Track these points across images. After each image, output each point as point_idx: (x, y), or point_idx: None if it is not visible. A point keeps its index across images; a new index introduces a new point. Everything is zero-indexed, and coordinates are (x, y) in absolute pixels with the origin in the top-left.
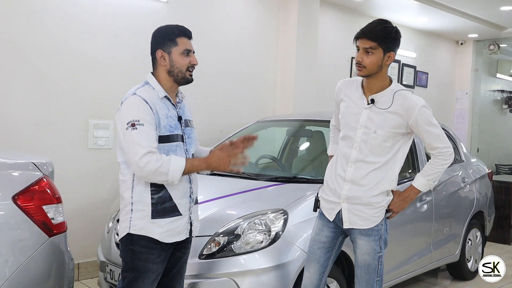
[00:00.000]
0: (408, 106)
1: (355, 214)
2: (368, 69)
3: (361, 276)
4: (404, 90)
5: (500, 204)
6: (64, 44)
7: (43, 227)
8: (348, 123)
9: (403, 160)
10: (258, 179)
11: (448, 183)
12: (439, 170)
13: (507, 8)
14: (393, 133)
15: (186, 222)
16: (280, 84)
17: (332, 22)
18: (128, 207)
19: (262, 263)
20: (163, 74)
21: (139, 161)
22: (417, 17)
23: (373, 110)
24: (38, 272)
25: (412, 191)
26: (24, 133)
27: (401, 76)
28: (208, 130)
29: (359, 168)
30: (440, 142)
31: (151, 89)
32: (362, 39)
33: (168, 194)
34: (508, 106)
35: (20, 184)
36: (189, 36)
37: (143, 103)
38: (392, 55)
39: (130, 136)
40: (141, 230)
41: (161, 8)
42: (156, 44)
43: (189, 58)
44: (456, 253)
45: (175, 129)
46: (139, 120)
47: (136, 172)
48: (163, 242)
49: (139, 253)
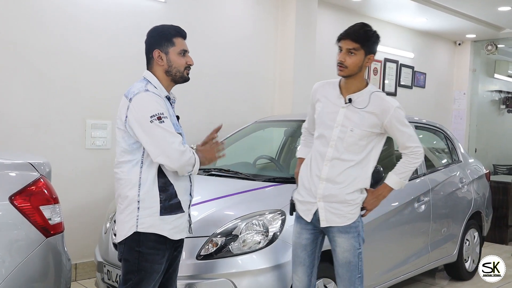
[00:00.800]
0: (384, 107)
1: (332, 212)
2: (350, 69)
3: (343, 274)
4: (380, 92)
5: (497, 204)
6: (63, 44)
7: (40, 228)
8: (325, 122)
9: (376, 159)
10: (256, 179)
11: (446, 184)
12: (410, 169)
13: (504, 8)
14: (368, 132)
15: (186, 219)
16: (278, 84)
17: (330, 22)
18: (133, 206)
19: (259, 264)
20: (160, 73)
21: (177, 150)
22: (415, 17)
23: (350, 109)
24: (35, 273)
25: (385, 189)
26: (22, 133)
27: (399, 76)
28: (207, 130)
29: (335, 166)
30: (412, 142)
31: (153, 88)
32: (345, 40)
33: (175, 191)
34: (506, 107)
35: (17, 184)
36: (184, 36)
37: (160, 99)
38: (372, 57)
39: (159, 128)
40: (151, 227)
41: (160, 8)
42: (153, 44)
43: (186, 58)
44: (454, 253)
45: (177, 128)
46: (163, 113)
47: (172, 161)
48: (167, 241)
49: (147, 255)
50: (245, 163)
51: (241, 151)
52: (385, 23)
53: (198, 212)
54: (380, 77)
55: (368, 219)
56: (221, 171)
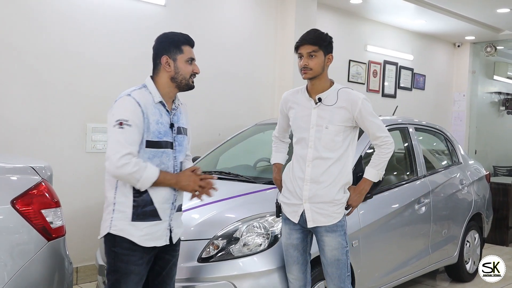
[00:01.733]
0: (352, 100)
1: (318, 212)
2: (314, 70)
3: (333, 273)
4: (346, 87)
5: (498, 206)
6: (62, 48)
7: (42, 231)
8: (300, 125)
9: (354, 155)
10: (256, 182)
11: (446, 185)
12: (384, 159)
13: (503, 10)
14: (342, 127)
15: (166, 228)
16: (278, 87)
17: (329, 24)
18: (110, 207)
19: (261, 266)
20: (165, 79)
21: (117, 161)
22: (414, 20)
23: (321, 108)
24: (37, 276)
25: (365, 183)
26: (23, 137)
27: (398, 78)
28: (206, 133)
29: (317, 166)
30: (382, 132)
31: (147, 93)
32: (304, 46)
33: (150, 198)
34: (505, 108)
35: (19, 188)
36: (192, 45)
37: (136, 105)
38: (330, 56)
39: (115, 133)
40: (120, 231)
41: (159, 11)
42: (162, 50)
43: (192, 66)
44: (455, 255)
45: (165, 135)
46: (127, 121)
47: (109, 170)
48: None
49: (121, 255)
50: (245, 165)
51: (241, 153)
52: (385, 25)
53: (199, 214)
54: (379, 79)
55: (369, 221)
56: (221, 173)
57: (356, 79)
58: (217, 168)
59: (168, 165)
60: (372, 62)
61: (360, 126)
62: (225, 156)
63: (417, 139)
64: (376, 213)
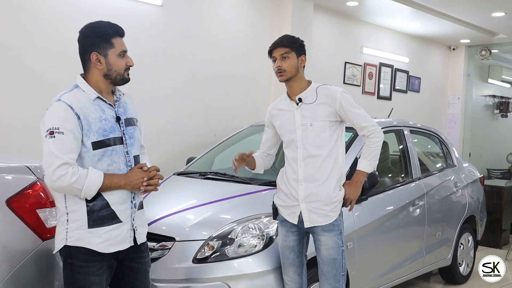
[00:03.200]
0: (331, 95)
1: (314, 212)
2: (288, 71)
3: (328, 272)
4: (323, 84)
5: (491, 209)
6: (59, 47)
7: (37, 231)
8: (287, 128)
9: (344, 149)
10: (251, 183)
11: (441, 188)
12: (375, 149)
13: (498, 14)
14: (327, 121)
15: (128, 229)
16: (274, 88)
17: (325, 27)
18: (63, 218)
19: (256, 267)
20: (98, 76)
21: (52, 174)
22: (409, 22)
23: (303, 107)
24: (32, 276)
25: (359, 174)
26: (18, 136)
27: (394, 81)
28: (202, 133)
29: (309, 165)
30: (368, 122)
31: (80, 92)
32: (276, 49)
33: (105, 201)
34: (499, 111)
35: (14, 187)
36: (122, 35)
37: (67, 110)
38: (303, 58)
39: (47, 144)
40: (78, 241)
41: (156, 11)
42: (90, 46)
43: (125, 59)
44: (448, 257)
45: (111, 132)
46: (58, 128)
47: (48, 184)
48: (103, 253)
49: (78, 267)
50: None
51: None
52: (380, 28)
53: (194, 215)
54: (375, 82)
55: (363, 223)
56: (217, 174)
57: (352, 81)
58: (213, 169)
59: (119, 163)
60: (367, 64)
61: (344, 119)
62: (220, 157)
63: (412, 142)
64: (371, 215)
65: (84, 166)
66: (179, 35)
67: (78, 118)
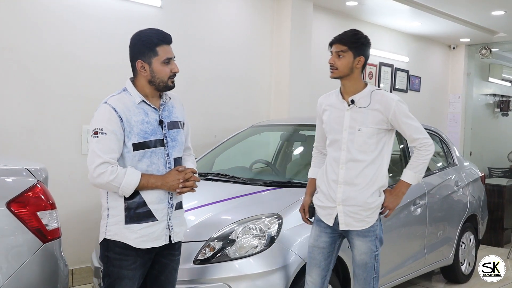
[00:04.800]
0: (386, 102)
1: (350, 216)
2: (340, 70)
3: (359, 274)
4: (379, 89)
5: (493, 207)
6: (57, 49)
7: (37, 233)
8: (334, 127)
9: (389, 157)
10: (252, 183)
11: (442, 187)
12: (423, 162)
13: (498, 12)
14: (376, 129)
15: (164, 227)
16: (274, 89)
17: (325, 26)
18: (105, 213)
19: (257, 268)
20: (144, 82)
21: (93, 171)
22: (409, 22)
23: (354, 110)
24: (32, 279)
25: (403, 185)
26: (18, 139)
27: (394, 80)
28: (203, 135)
29: (350, 169)
30: (420, 133)
31: (127, 95)
32: (335, 44)
33: (142, 200)
34: (500, 110)
35: (14, 190)
36: (169, 42)
37: (111, 112)
38: (362, 59)
39: (92, 144)
40: (115, 235)
41: (155, 13)
42: (136, 54)
43: (170, 66)
44: (450, 256)
45: (152, 134)
46: (102, 129)
47: (90, 181)
48: (138, 248)
49: (114, 260)
50: (241, 167)
51: (237, 155)
52: (380, 28)
53: (195, 216)
54: (375, 81)
55: None
56: (217, 175)
57: None
58: (213, 170)
59: (158, 164)
60: (367, 64)
61: (396, 128)
62: (221, 158)
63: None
64: None
65: (125, 165)
66: (178, 37)
67: (121, 120)
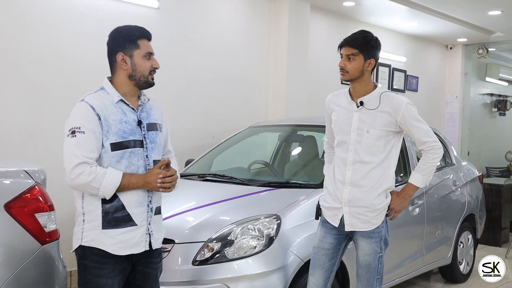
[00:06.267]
0: (395, 104)
1: (356, 217)
2: (350, 73)
3: (362, 275)
4: (389, 91)
5: (491, 207)
6: (55, 51)
7: (35, 235)
8: (342, 128)
9: (397, 160)
10: (250, 184)
11: (440, 187)
12: (431, 165)
13: (495, 12)
14: (384, 131)
15: (144, 233)
16: (272, 89)
17: (322, 27)
18: (80, 218)
19: (255, 269)
20: (123, 78)
21: (70, 172)
22: (406, 22)
23: (363, 111)
24: (31, 281)
25: (410, 188)
26: (16, 141)
27: (391, 80)
28: (200, 136)
29: (357, 170)
30: (429, 137)
31: (105, 94)
32: (345, 47)
33: (121, 203)
34: (497, 109)
35: (12, 192)
36: (149, 38)
37: (88, 110)
38: (372, 61)
39: (68, 143)
40: (92, 241)
41: (152, 14)
42: (117, 47)
43: (151, 61)
44: (448, 256)
45: (131, 134)
46: (80, 128)
47: (67, 182)
48: (116, 255)
49: (91, 268)
50: (239, 168)
51: (235, 156)
52: (377, 28)
53: (193, 217)
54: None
55: None
56: (216, 176)
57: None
58: (211, 171)
59: (138, 165)
60: None
61: (404, 131)
62: (219, 159)
63: (411, 141)
64: None
65: (103, 166)
66: (176, 38)
67: (99, 118)
